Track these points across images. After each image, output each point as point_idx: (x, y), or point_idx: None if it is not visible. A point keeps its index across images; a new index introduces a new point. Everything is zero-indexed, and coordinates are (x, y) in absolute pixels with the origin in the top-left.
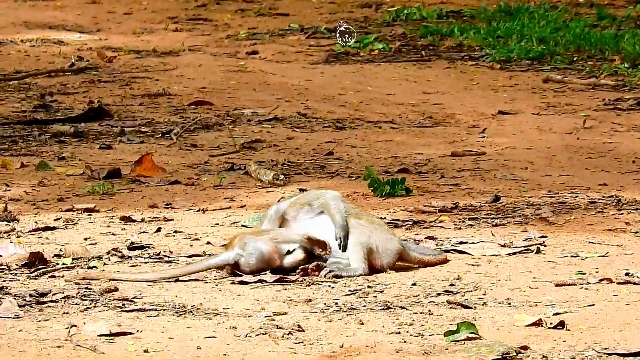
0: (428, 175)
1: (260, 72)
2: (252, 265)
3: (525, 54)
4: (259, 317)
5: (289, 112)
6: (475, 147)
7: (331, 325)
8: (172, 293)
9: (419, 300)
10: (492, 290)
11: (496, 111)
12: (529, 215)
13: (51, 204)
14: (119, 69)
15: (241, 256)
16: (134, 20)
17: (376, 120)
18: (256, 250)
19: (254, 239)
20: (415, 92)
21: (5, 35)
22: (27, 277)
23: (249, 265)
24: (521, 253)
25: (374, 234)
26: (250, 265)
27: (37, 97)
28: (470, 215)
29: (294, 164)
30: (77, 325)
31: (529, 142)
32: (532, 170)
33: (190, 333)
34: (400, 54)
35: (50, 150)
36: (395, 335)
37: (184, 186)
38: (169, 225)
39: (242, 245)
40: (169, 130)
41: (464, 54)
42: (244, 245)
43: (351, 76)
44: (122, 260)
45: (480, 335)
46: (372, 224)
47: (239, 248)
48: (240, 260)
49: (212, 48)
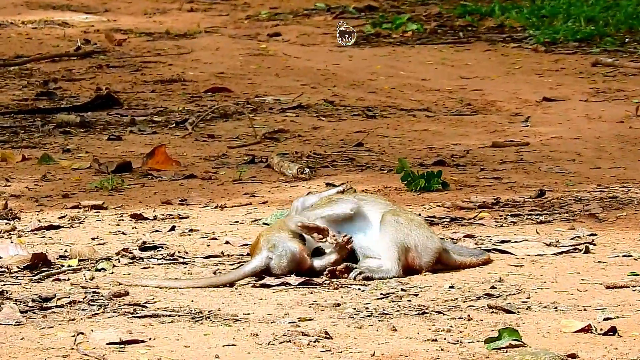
0: (466, 167)
1: (283, 56)
2: (283, 267)
3: (573, 35)
4: (282, 323)
5: (314, 99)
6: (518, 137)
7: (361, 332)
8: (188, 297)
9: (457, 304)
10: (537, 293)
11: (541, 98)
12: (576, 211)
13: (55, 200)
14: (129, 52)
15: (271, 259)
16: None
17: (410, 108)
18: (287, 251)
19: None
20: (453, 77)
21: (5, 17)
22: (29, 280)
23: (280, 268)
24: (568, 253)
25: (412, 232)
26: (282, 268)
27: (40, 84)
28: (512, 211)
29: (320, 156)
30: (84, 332)
31: (576, 131)
32: (580, 162)
33: (207, 341)
34: (435, 36)
35: (55, 141)
36: (431, 342)
37: (200, 180)
38: (183, 223)
39: (270, 247)
40: (183, 120)
41: (506, 36)
42: (273, 247)
43: (382, 60)
44: (133, 261)
45: (524, 343)
46: (412, 222)
47: (267, 250)
48: (271, 264)
49: (231, 30)
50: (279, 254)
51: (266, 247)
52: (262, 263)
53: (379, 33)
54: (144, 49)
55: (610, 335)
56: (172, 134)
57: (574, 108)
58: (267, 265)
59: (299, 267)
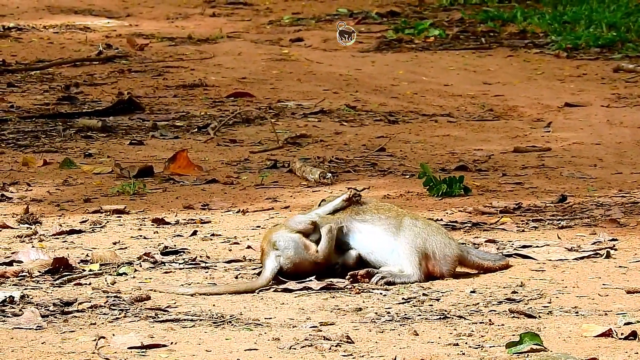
0: (488, 173)
1: (305, 61)
2: (292, 257)
3: (594, 41)
4: (304, 327)
5: (336, 104)
6: (540, 143)
7: (383, 337)
8: (209, 302)
9: (478, 309)
10: (558, 298)
11: (562, 103)
12: (598, 216)
13: (77, 205)
14: (150, 57)
15: (279, 256)
16: (167, 4)
17: (432, 113)
18: (288, 242)
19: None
20: (475, 82)
21: (26, 21)
22: (50, 284)
23: (290, 260)
24: (590, 257)
25: (430, 237)
26: (291, 259)
27: (62, 89)
28: (534, 216)
29: (342, 161)
30: (105, 337)
31: (598, 136)
32: (602, 167)
33: (229, 345)
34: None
35: (76, 146)
36: (452, 347)
37: (222, 185)
38: (205, 228)
39: (273, 245)
40: (205, 125)
41: (528, 41)
42: (275, 244)
43: (405, 65)
44: (155, 266)
45: (545, 347)
46: (429, 226)
47: (273, 250)
48: (281, 261)
49: (253, 35)
50: (283, 247)
51: (271, 248)
52: (276, 263)
53: (402, 38)
54: (166, 54)
55: (631, 340)
56: (194, 138)
57: (595, 114)
58: (280, 264)
59: (307, 254)
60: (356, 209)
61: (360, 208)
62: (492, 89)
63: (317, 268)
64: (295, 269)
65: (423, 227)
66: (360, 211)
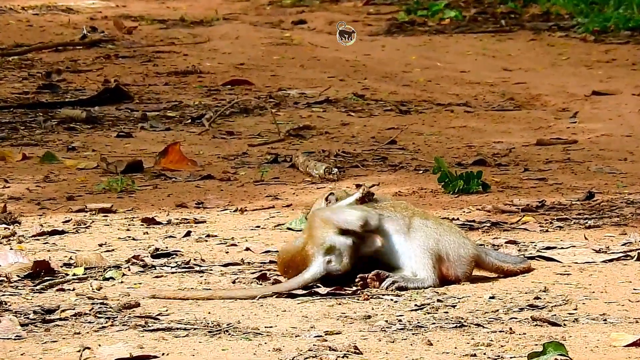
0: (509, 167)
1: (308, 46)
2: (347, 266)
3: (624, 24)
4: (307, 337)
5: (343, 93)
6: (565, 135)
7: (394, 347)
8: (204, 309)
9: (498, 316)
10: (585, 304)
11: (590, 91)
12: (628, 215)
13: (59, 203)
14: (139, 41)
15: (331, 263)
16: None
17: (447, 102)
18: (345, 248)
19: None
20: (494, 68)
21: (3, 2)
22: (30, 290)
23: (344, 268)
24: (619, 260)
25: (443, 237)
26: (345, 267)
27: (42, 76)
28: (559, 215)
29: (349, 155)
30: (90, 347)
31: (628, 128)
32: (632, 161)
33: (225, 356)
34: (475, 24)
35: (58, 139)
36: (470, 358)
37: (219, 182)
38: (200, 228)
39: (323, 247)
40: (200, 115)
41: (552, 24)
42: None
43: (417, 50)
44: (145, 270)
45: (571, 358)
46: (441, 226)
47: (323, 253)
48: (331, 267)
49: (252, 16)
50: (338, 253)
51: (320, 250)
52: (322, 269)
53: (414, 21)
54: (157, 38)
55: None
56: (188, 130)
57: (625, 103)
58: (328, 271)
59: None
60: (371, 206)
61: (375, 205)
62: (513, 76)
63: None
64: (345, 272)
65: (434, 226)
66: (377, 207)
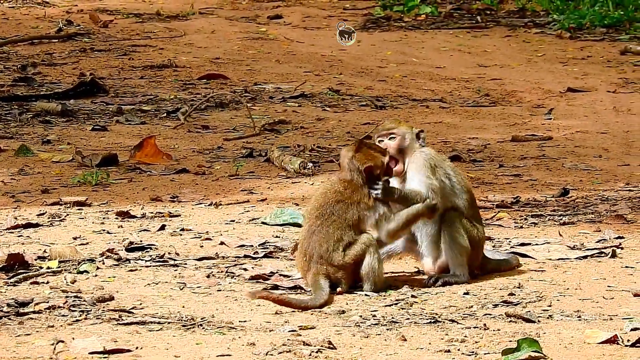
0: (484, 163)
1: (284, 40)
2: None
3: (600, 21)
4: (281, 331)
5: (318, 87)
6: (540, 131)
7: (368, 342)
8: (178, 303)
9: (472, 312)
10: (559, 301)
11: (565, 88)
12: (603, 212)
13: (34, 196)
14: (115, 35)
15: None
16: None
17: (422, 98)
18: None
19: None
20: (469, 64)
21: None
22: (4, 283)
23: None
24: (594, 257)
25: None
26: None
27: (17, 69)
28: (533, 211)
29: (324, 150)
30: (64, 340)
31: (603, 125)
32: (607, 158)
33: (200, 350)
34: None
35: (33, 132)
36: (444, 353)
37: (193, 176)
38: (174, 222)
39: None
40: (175, 109)
41: (527, 20)
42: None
43: (393, 45)
44: (119, 263)
45: (545, 354)
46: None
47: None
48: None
49: (228, 11)
50: None
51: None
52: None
53: (390, 16)
54: (132, 32)
55: (638, 347)
56: (163, 124)
57: (601, 100)
58: None
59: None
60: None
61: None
62: (488, 72)
63: None
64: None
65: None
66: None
